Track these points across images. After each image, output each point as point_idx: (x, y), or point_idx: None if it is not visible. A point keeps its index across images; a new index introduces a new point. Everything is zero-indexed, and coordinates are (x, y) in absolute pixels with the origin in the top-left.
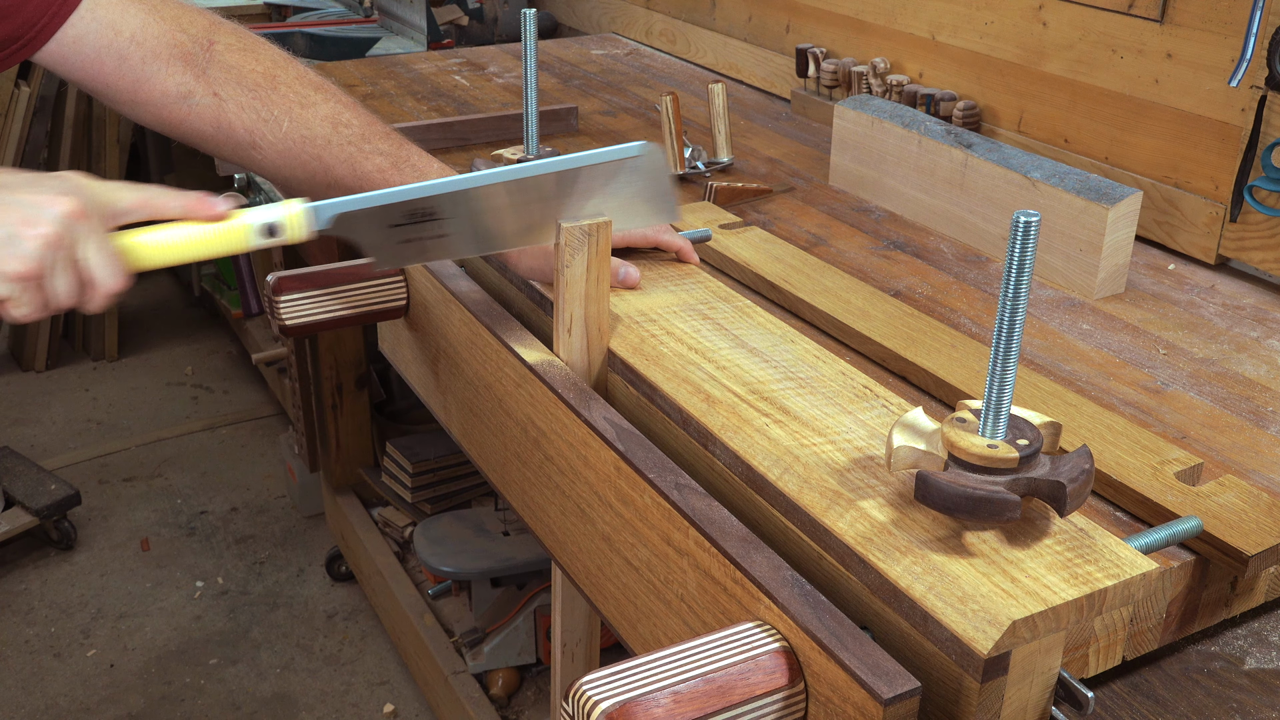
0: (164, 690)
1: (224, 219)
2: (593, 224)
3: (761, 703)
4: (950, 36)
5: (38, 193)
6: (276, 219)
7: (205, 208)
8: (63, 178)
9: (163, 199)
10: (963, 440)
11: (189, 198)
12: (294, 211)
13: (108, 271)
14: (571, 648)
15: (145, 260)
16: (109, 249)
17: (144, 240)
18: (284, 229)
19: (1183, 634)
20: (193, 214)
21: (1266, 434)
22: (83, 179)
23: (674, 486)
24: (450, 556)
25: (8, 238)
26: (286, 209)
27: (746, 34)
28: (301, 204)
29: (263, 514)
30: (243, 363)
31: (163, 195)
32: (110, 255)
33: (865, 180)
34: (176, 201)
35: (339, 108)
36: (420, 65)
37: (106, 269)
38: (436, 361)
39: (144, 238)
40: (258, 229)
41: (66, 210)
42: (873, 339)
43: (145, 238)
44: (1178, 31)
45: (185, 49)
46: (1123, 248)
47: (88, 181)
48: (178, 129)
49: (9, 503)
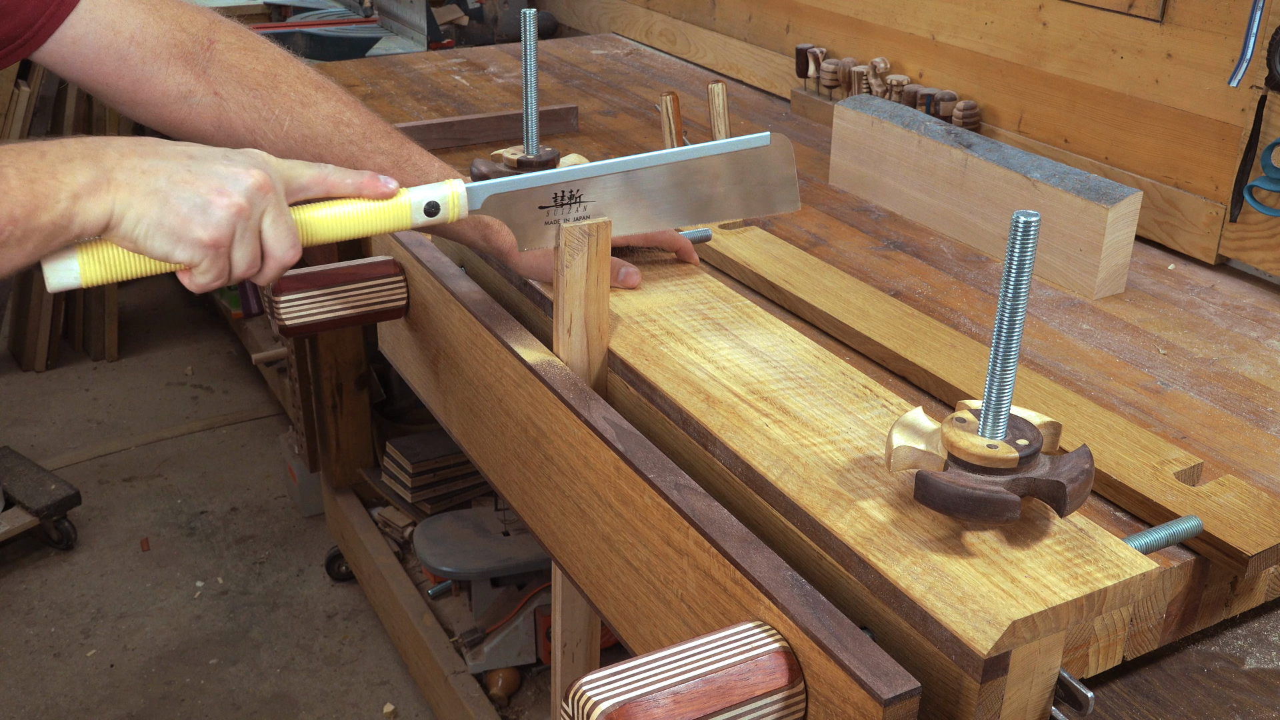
0: (164, 690)
1: (392, 196)
2: (593, 224)
3: (761, 703)
4: (950, 36)
5: (229, 165)
6: (437, 197)
7: (376, 186)
8: (249, 153)
9: (337, 176)
10: (962, 440)
11: (361, 176)
12: (454, 191)
13: (285, 244)
14: (571, 648)
15: (319, 234)
16: (289, 222)
17: (318, 215)
18: (444, 207)
19: (1183, 634)
20: (364, 191)
21: (1266, 434)
22: (265, 155)
23: (674, 486)
24: (450, 556)
25: (201, 205)
26: (447, 188)
27: (746, 34)
28: (461, 184)
29: (263, 514)
30: (243, 363)
31: (337, 173)
32: (289, 228)
33: (865, 180)
34: (350, 179)
35: (340, 107)
36: (420, 65)
37: (284, 241)
38: (436, 361)
39: (319, 212)
40: (420, 206)
41: (256, 182)
42: (873, 339)
43: (320, 212)
44: (1178, 31)
45: (185, 48)
46: (1123, 248)
47: (270, 157)
48: (178, 129)
49: (9, 503)
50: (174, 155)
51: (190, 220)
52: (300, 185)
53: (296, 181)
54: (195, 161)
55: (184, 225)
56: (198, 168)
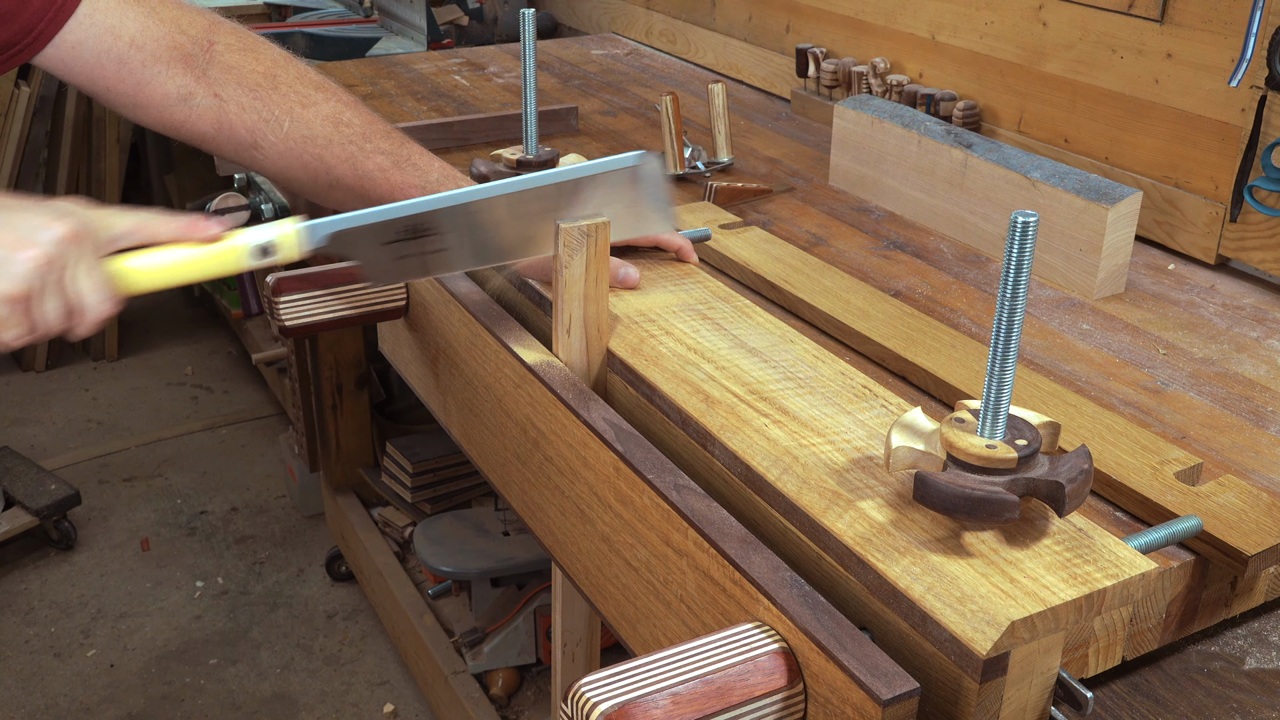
0: (164, 690)
1: (218, 240)
2: (592, 224)
3: (761, 704)
4: (950, 36)
5: (34, 215)
6: (270, 239)
7: (199, 230)
8: (56, 205)
9: (156, 223)
10: (961, 440)
11: (182, 221)
12: (288, 231)
13: (97, 297)
14: (571, 648)
15: (137, 284)
16: (100, 274)
17: (136, 264)
18: (278, 249)
19: (1183, 634)
20: (187, 237)
21: (1266, 434)
22: (79, 204)
23: (673, 487)
24: (450, 556)
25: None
26: (280, 229)
27: (746, 34)
28: (295, 223)
29: (263, 514)
30: (243, 363)
31: (156, 220)
32: (101, 280)
33: (865, 180)
34: (170, 225)
35: (340, 107)
36: (420, 65)
37: (96, 295)
38: (436, 361)
39: (136, 261)
40: (251, 250)
41: (60, 234)
42: (872, 339)
43: (137, 261)
44: (1178, 31)
45: (185, 50)
46: (1123, 248)
47: (82, 208)
48: (179, 131)
49: (9, 503)
50: None
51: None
52: (116, 234)
53: (111, 230)
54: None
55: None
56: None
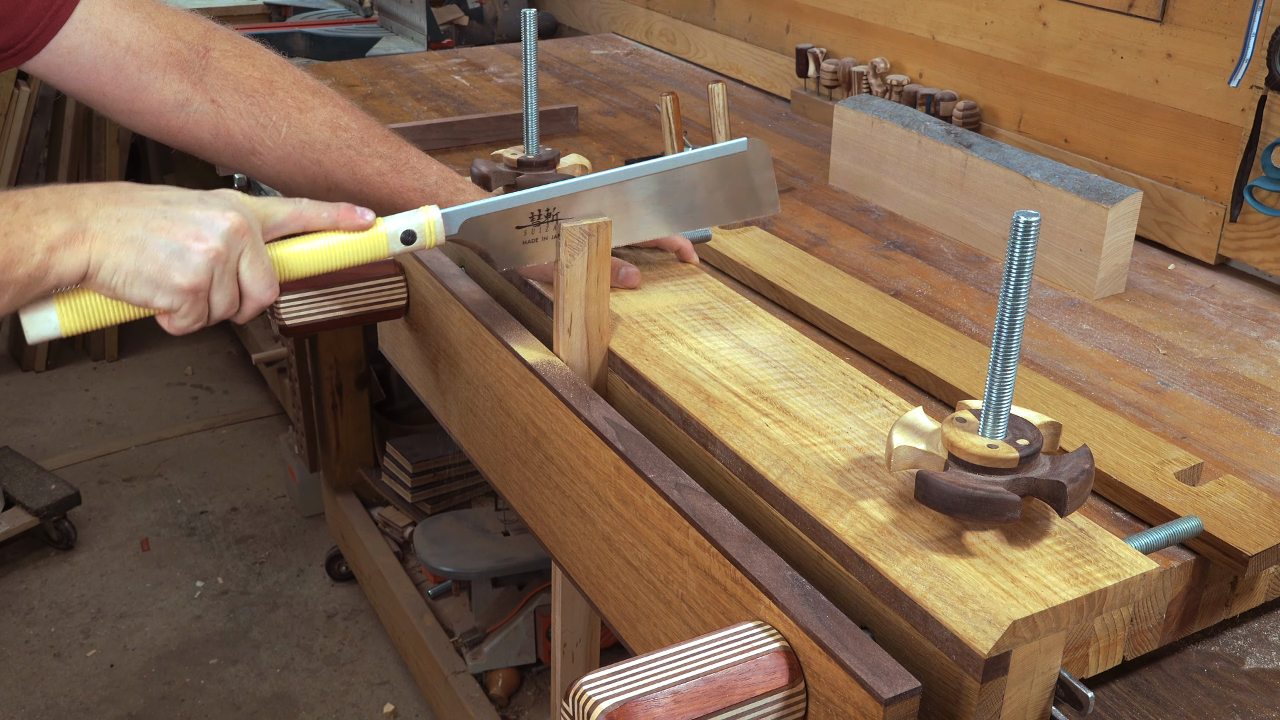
0: (164, 690)
1: (368, 228)
2: (593, 224)
3: (762, 703)
4: (950, 36)
5: (204, 209)
6: (413, 226)
7: (351, 218)
8: (224, 194)
9: (313, 211)
10: (963, 440)
11: (336, 209)
12: (429, 218)
13: (263, 284)
14: (571, 648)
15: (296, 270)
16: (266, 262)
17: (294, 250)
18: (420, 235)
19: (1183, 634)
20: (340, 224)
21: (1266, 434)
22: (240, 195)
23: (674, 486)
24: (450, 556)
25: (178, 251)
26: (423, 215)
27: (746, 34)
28: (436, 210)
29: (263, 514)
30: (243, 363)
31: (312, 208)
32: (266, 269)
33: (865, 180)
34: (325, 213)
35: (337, 111)
36: (420, 65)
37: (262, 282)
38: (436, 361)
39: (294, 248)
40: (397, 236)
41: (232, 225)
42: (873, 339)
43: (295, 248)
44: (1178, 31)
45: (181, 56)
46: (1123, 248)
47: (245, 197)
48: (176, 137)
49: (9, 503)
50: (149, 201)
51: (168, 267)
52: (276, 223)
53: (272, 219)
54: (170, 207)
55: (162, 272)
56: (173, 213)
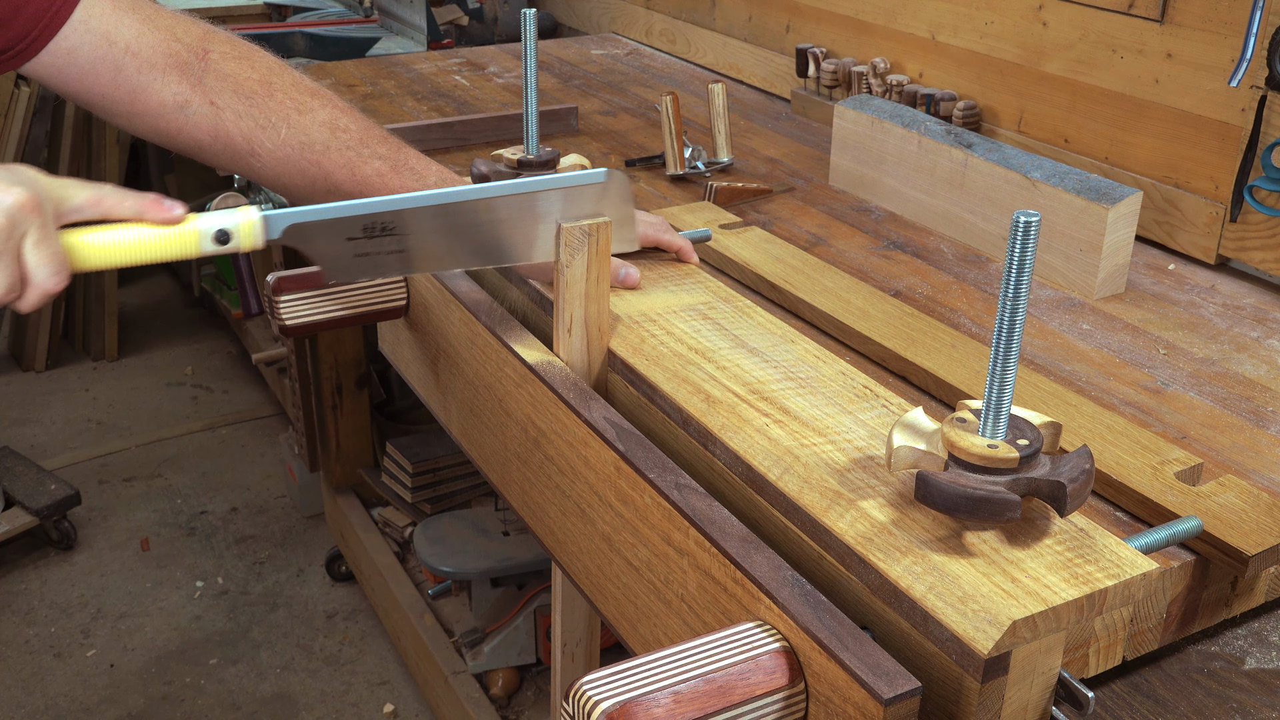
0: (164, 690)
1: (177, 223)
2: (593, 224)
3: (762, 703)
4: (950, 36)
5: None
6: (229, 225)
7: (158, 210)
8: (14, 169)
9: (115, 198)
10: (963, 440)
11: (143, 199)
12: (248, 219)
13: (48, 269)
14: (571, 648)
15: (89, 261)
16: (55, 247)
17: (90, 240)
18: (236, 236)
19: (1183, 634)
20: (145, 216)
21: (1266, 434)
22: (35, 172)
23: (674, 486)
24: (450, 556)
25: None
26: (241, 216)
27: (746, 34)
28: (256, 211)
29: (263, 514)
30: (243, 363)
31: (115, 195)
32: (54, 253)
33: (865, 180)
34: (130, 202)
35: (336, 113)
36: (420, 65)
37: (47, 266)
38: (436, 361)
39: (90, 237)
40: (209, 234)
41: (17, 201)
42: (873, 339)
43: (92, 237)
44: (1178, 31)
45: (181, 58)
46: (1123, 248)
47: (40, 175)
48: (175, 139)
49: (9, 503)
50: None
51: None
52: (73, 206)
53: (68, 202)
54: None
55: None
56: None
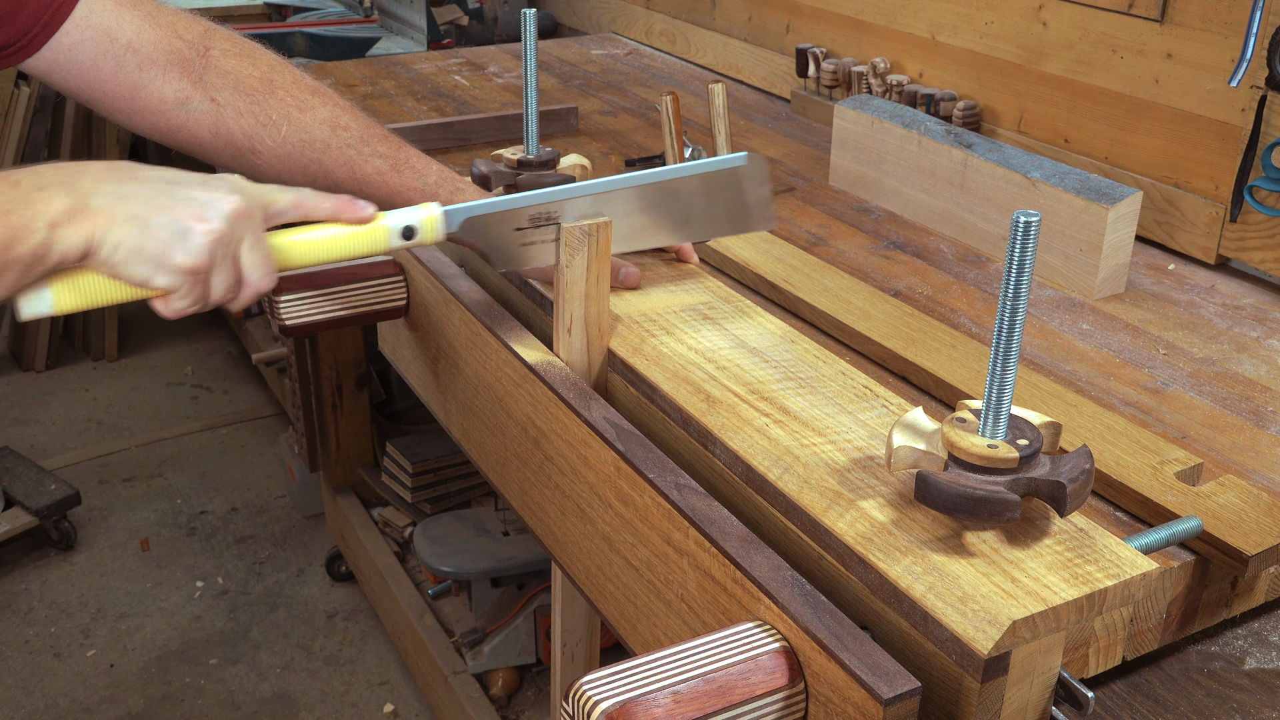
0: (164, 690)
1: (369, 221)
2: (593, 224)
3: (762, 703)
4: (950, 36)
5: (208, 190)
6: (414, 221)
7: (353, 210)
8: (226, 179)
9: (314, 201)
10: (963, 440)
11: (338, 200)
12: (431, 214)
13: (261, 270)
14: (571, 648)
15: (295, 260)
16: (265, 249)
17: (294, 240)
18: (420, 231)
19: (1183, 634)
20: (340, 216)
21: (1266, 434)
22: (243, 180)
23: (674, 486)
24: (450, 556)
25: (181, 231)
26: (424, 212)
27: (746, 34)
28: (437, 207)
29: (263, 514)
30: (243, 363)
31: (314, 197)
32: (266, 255)
33: (865, 180)
34: (327, 203)
35: (336, 111)
36: (420, 65)
37: (261, 268)
38: (436, 361)
39: (294, 237)
40: (397, 231)
41: (235, 208)
42: (873, 339)
43: (296, 237)
44: (1178, 31)
45: (181, 55)
46: (1123, 248)
47: (247, 182)
48: (175, 136)
49: (9, 503)
50: (152, 180)
51: (170, 246)
52: (278, 210)
53: (274, 206)
54: (174, 186)
55: (164, 251)
56: (177, 192)
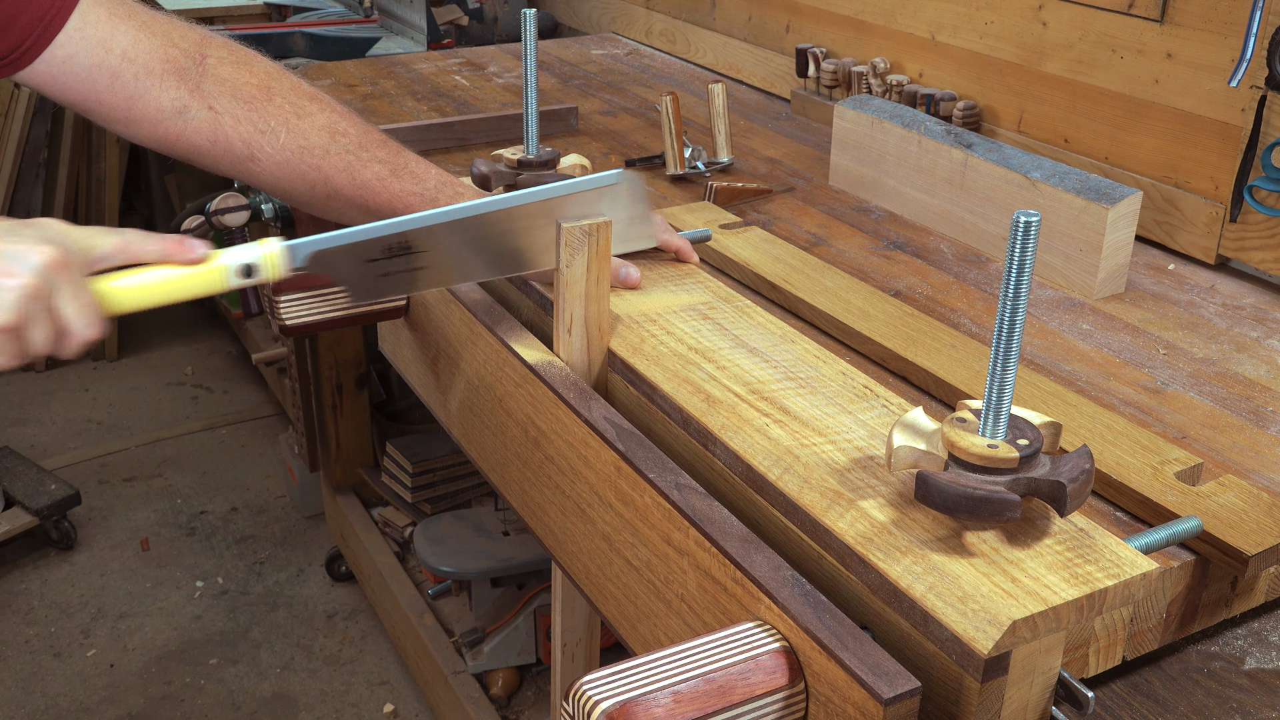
0: (164, 690)
1: (202, 261)
2: (593, 224)
3: (762, 703)
4: (950, 36)
5: (16, 242)
6: (253, 260)
7: (183, 251)
8: (41, 225)
9: (140, 244)
10: (963, 440)
11: (166, 241)
12: (271, 251)
13: (84, 320)
14: (571, 648)
15: (122, 305)
16: (87, 297)
17: (121, 285)
18: (261, 269)
19: (1183, 634)
20: (171, 258)
21: (1266, 434)
22: (61, 225)
23: (674, 486)
24: (450, 556)
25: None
26: (263, 249)
27: (746, 34)
28: (278, 243)
29: (263, 514)
30: (243, 363)
31: (141, 240)
32: (88, 304)
33: (865, 180)
34: (154, 245)
35: (335, 117)
36: (420, 65)
37: (83, 318)
38: (436, 361)
39: (121, 282)
40: (235, 270)
41: (46, 260)
42: (873, 339)
43: (122, 282)
44: (1178, 31)
45: (178, 64)
46: (1123, 248)
47: (66, 228)
48: (173, 145)
49: (9, 503)
50: None
51: None
52: (100, 255)
53: (95, 251)
54: None
55: None
56: None
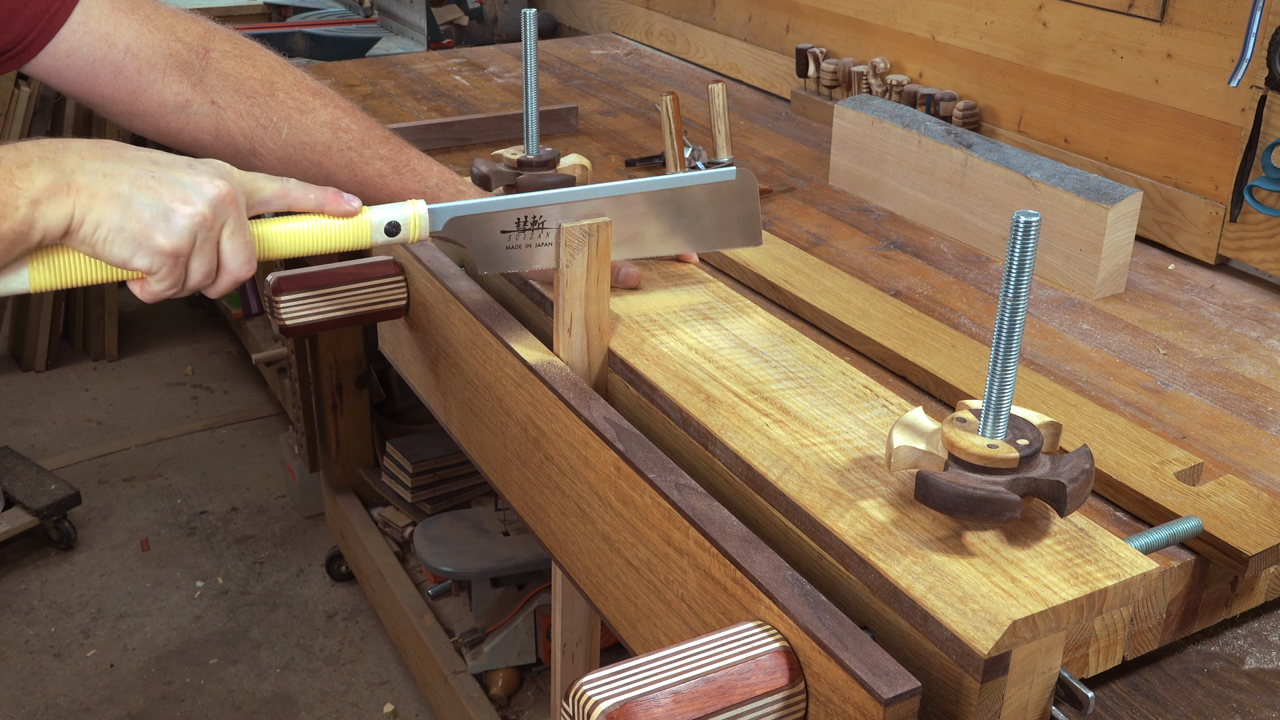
0: (164, 690)
1: (353, 215)
2: (593, 224)
3: (762, 703)
4: (950, 36)
5: (193, 173)
6: (399, 218)
7: (338, 203)
8: (211, 163)
9: (299, 191)
10: (963, 440)
11: (324, 193)
12: (416, 212)
13: (242, 258)
14: (571, 648)
15: (276, 249)
16: (247, 236)
17: (277, 229)
18: (405, 228)
19: (1183, 634)
20: (325, 208)
21: (1266, 434)
22: (229, 166)
23: (674, 486)
24: (450, 556)
25: (163, 213)
26: (410, 209)
27: (746, 34)
28: (424, 205)
29: (263, 514)
30: (243, 363)
31: (300, 188)
32: (247, 243)
33: (865, 180)
34: (312, 195)
35: (338, 113)
36: (420, 65)
37: (241, 255)
38: (436, 361)
39: (278, 227)
40: (381, 226)
41: (220, 193)
42: (873, 339)
43: (279, 227)
44: (1178, 31)
45: (181, 58)
46: (1123, 248)
47: (233, 169)
48: (176, 139)
49: (9, 503)
50: (137, 160)
51: (152, 227)
52: (262, 199)
53: (259, 194)
54: (159, 168)
55: (145, 231)
56: (161, 174)
